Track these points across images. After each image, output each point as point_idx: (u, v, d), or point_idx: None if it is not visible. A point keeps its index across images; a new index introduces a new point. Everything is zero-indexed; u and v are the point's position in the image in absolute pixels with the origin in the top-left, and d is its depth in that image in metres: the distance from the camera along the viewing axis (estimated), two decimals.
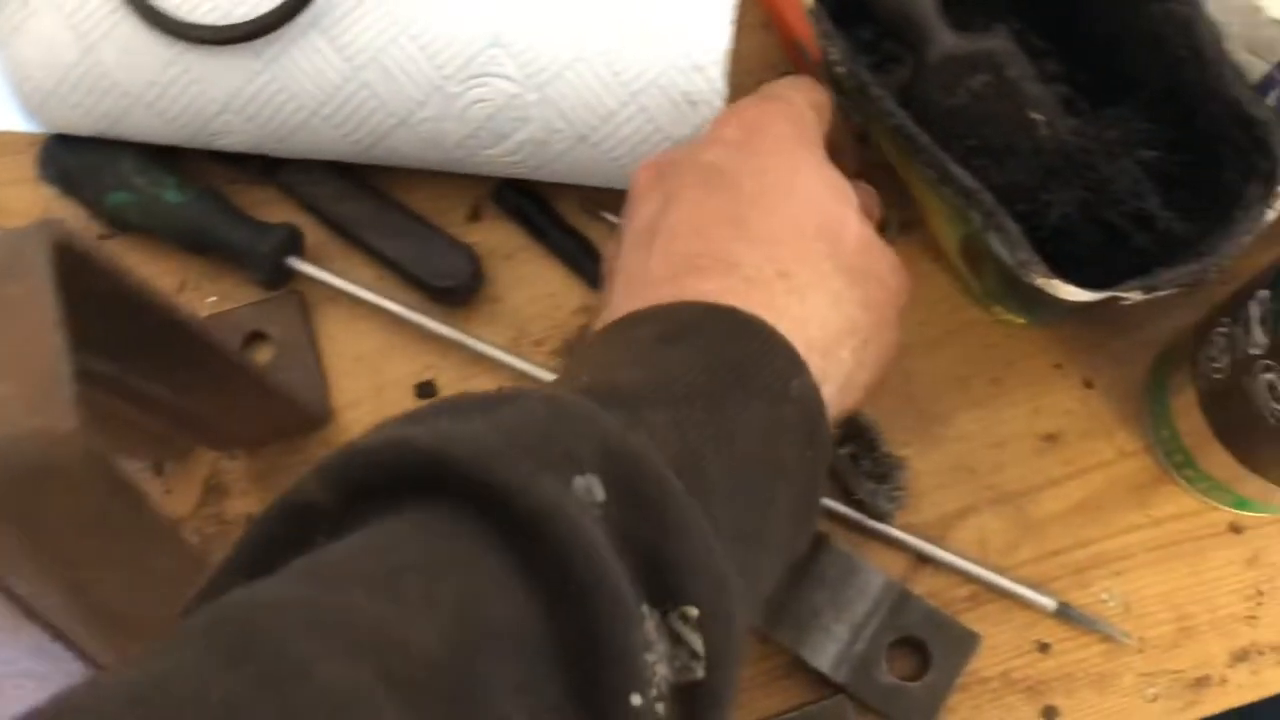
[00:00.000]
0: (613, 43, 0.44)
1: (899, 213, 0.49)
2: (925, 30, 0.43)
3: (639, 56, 0.44)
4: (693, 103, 0.45)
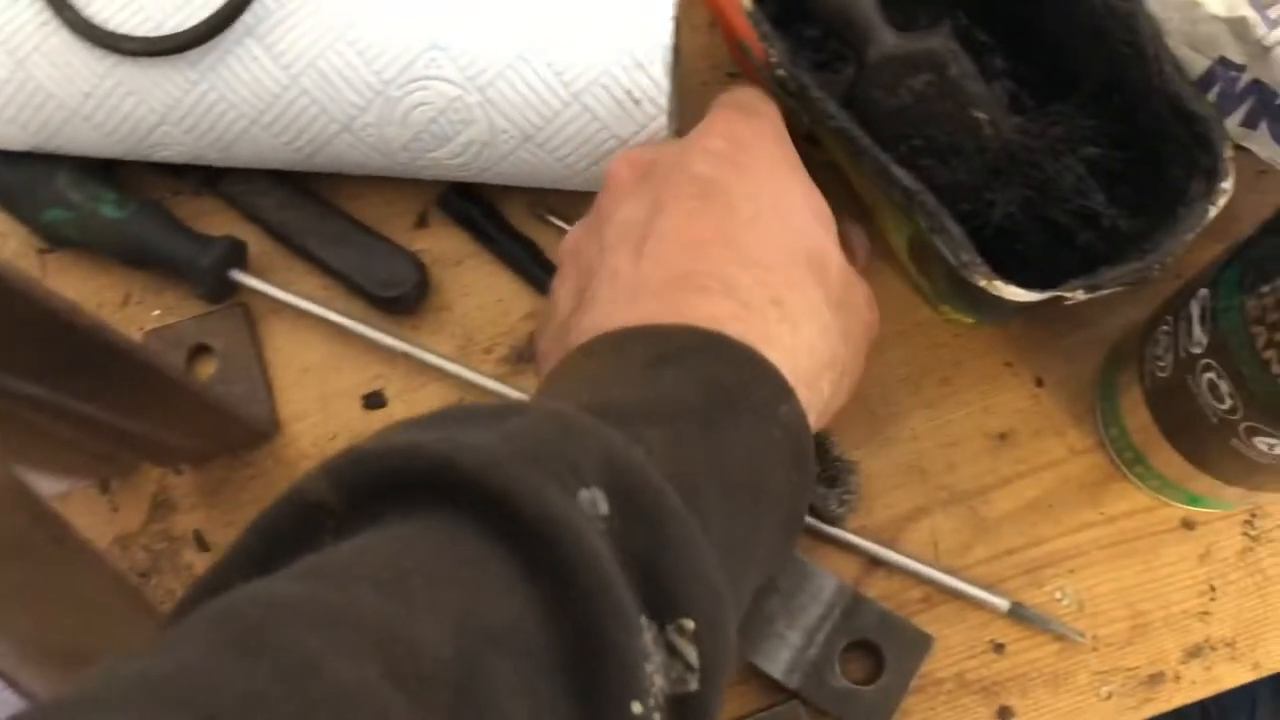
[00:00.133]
0: (553, 42, 0.44)
1: (848, 213, 0.49)
2: (865, 30, 0.42)
3: (580, 55, 0.44)
4: (636, 100, 0.44)
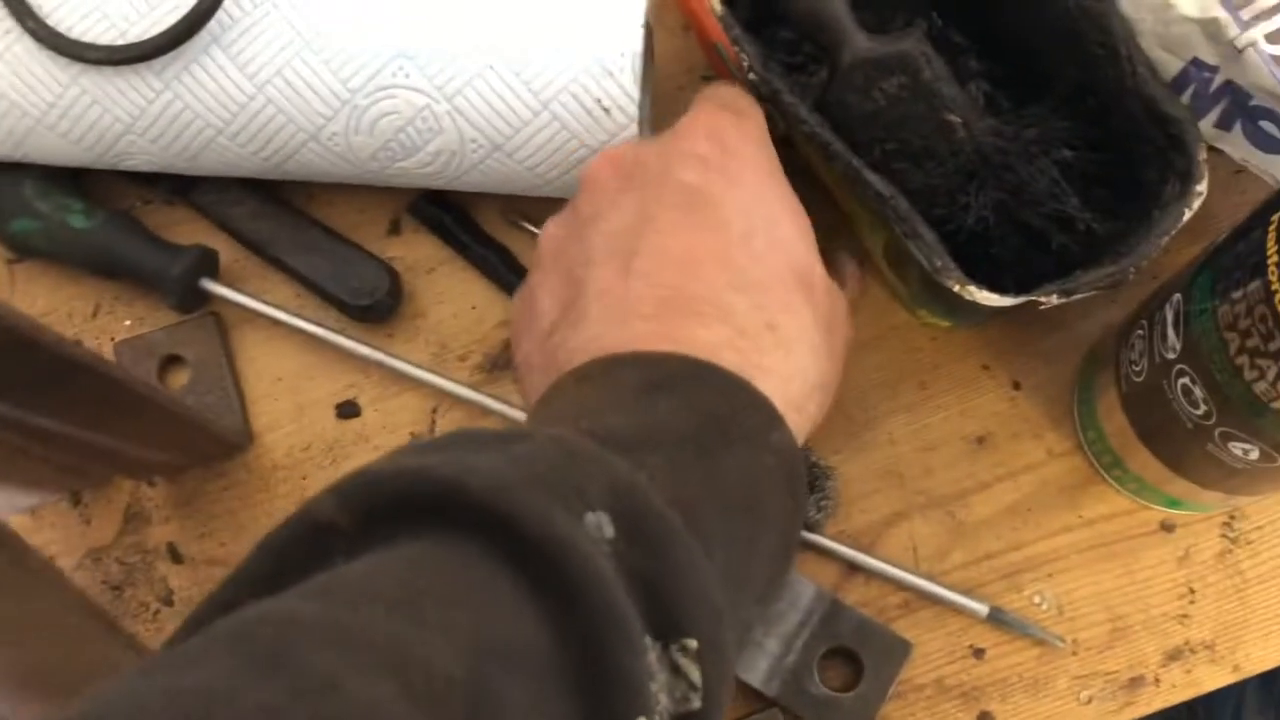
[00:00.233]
0: (521, 50, 0.43)
1: (823, 217, 0.49)
2: (837, 33, 0.42)
3: (549, 63, 0.43)
4: (606, 109, 0.44)
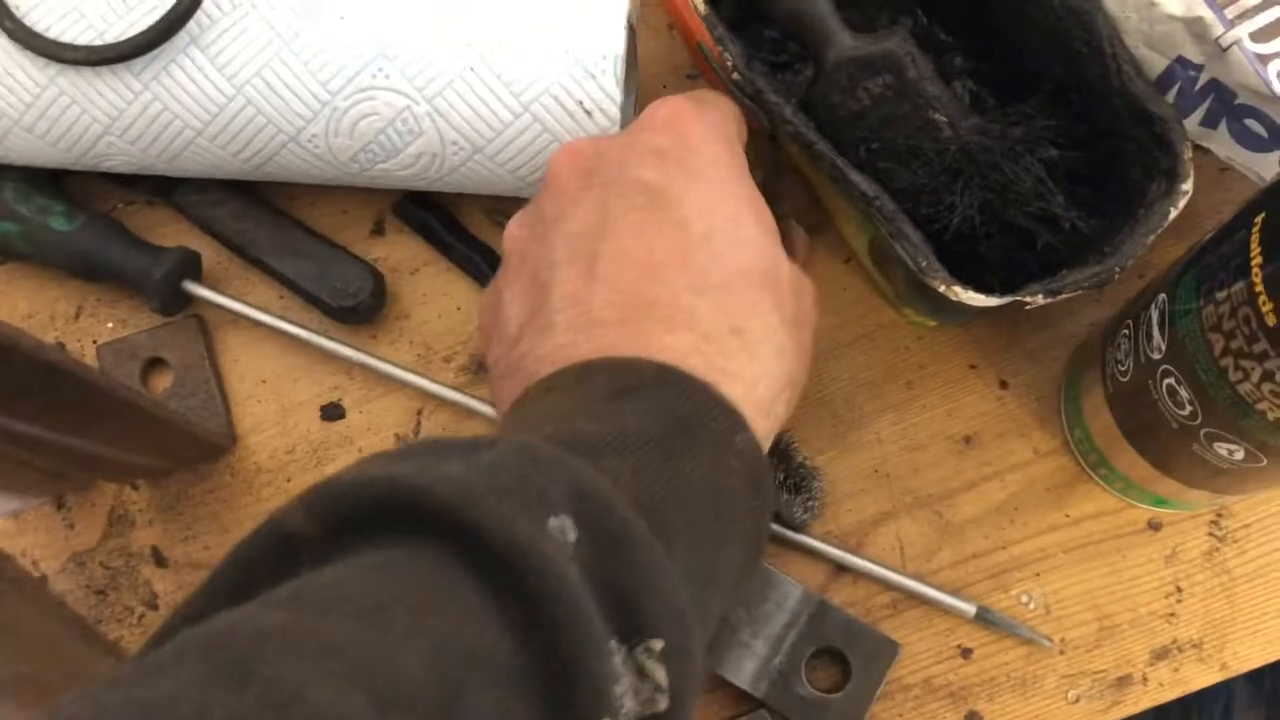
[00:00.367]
0: (503, 52, 0.43)
1: (809, 215, 0.48)
2: (821, 33, 0.42)
3: (530, 65, 0.43)
4: (588, 111, 0.43)
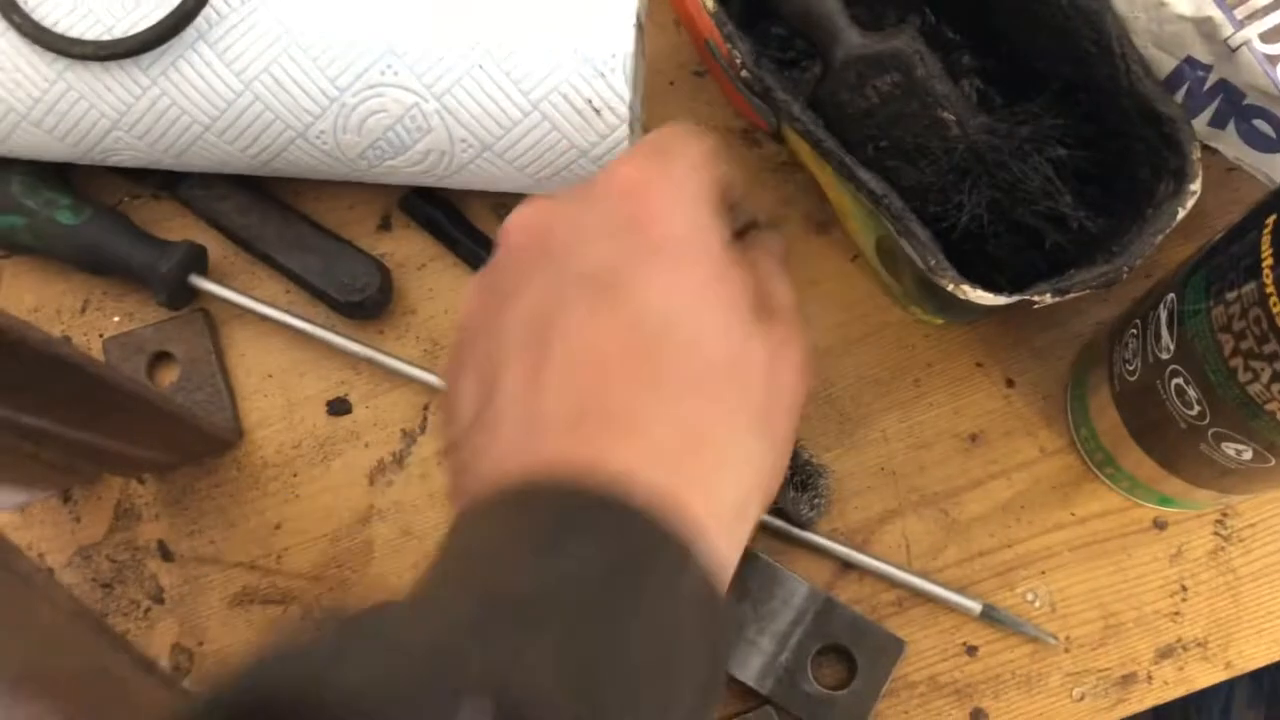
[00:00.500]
0: (511, 50, 0.43)
1: (816, 213, 0.48)
2: (830, 31, 0.42)
3: (539, 63, 0.43)
4: (597, 110, 0.43)
